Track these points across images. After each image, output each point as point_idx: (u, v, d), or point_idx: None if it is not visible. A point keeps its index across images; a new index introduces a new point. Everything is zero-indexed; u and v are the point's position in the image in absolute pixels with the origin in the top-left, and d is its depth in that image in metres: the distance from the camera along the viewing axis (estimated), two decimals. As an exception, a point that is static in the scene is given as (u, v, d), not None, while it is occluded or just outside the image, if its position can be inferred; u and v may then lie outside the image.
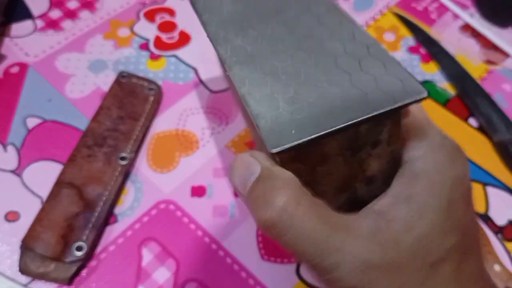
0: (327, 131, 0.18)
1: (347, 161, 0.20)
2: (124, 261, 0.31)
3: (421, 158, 0.19)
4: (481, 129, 0.39)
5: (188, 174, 0.35)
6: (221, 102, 0.39)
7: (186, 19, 0.44)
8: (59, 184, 0.32)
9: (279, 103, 0.20)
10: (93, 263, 0.31)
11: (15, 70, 0.39)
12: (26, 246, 0.29)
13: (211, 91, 0.39)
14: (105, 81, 0.39)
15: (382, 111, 0.19)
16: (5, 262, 0.30)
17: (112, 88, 0.37)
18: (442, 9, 0.48)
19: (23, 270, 0.29)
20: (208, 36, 0.23)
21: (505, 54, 0.45)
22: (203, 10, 0.24)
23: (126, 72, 0.38)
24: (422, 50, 0.44)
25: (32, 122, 0.36)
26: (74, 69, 0.39)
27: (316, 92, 0.20)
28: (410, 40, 0.45)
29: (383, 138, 0.20)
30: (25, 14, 0.42)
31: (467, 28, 0.47)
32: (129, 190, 0.34)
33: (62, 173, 0.32)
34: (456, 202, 0.18)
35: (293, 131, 0.18)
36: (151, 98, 0.37)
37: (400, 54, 0.44)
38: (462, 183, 0.19)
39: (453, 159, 0.19)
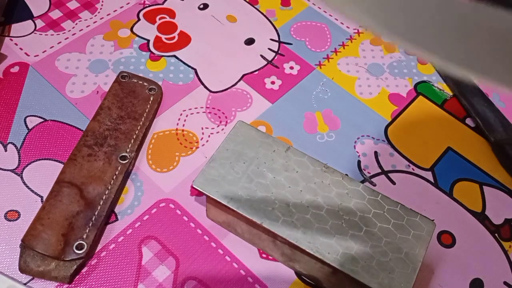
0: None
1: None
2: (124, 260, 0.31)
3: None
4: (478, 129, 0.40)
5: (188, 173, 0.35)
6: (221, 102, 0.39)
7: (186, 20, 0.44)
8: (59, 183, 0.32)
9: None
10: (93, 261, 0.31)
11: (15, 69, 0.39)
12: (26, 245, 0.29)
13: (210, 91, 0.40)
14: (105, 81, 0.39)
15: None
16: (5, 261, 0.30)
17: (112, 88, 0.37)
18: (440, 10, 0.48)
19: (23, 269, 0.29)
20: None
21: (502, 55, 0.45)
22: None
23: (126, 72, 0.38)
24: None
25: (32, 122, 0.36)
26: (74, 69, 0.40)
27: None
28: (407, 41, 0.45)
29: None
30: (25, 14, 0.43)
31: (464, 30, 0.47)
32: (129, 189, 0.34)
33: (62, 172, 0.33)
34: None
35: None
36: (152, 98, 0.37)
37: (398, 55, 0.44)
38: None
39: None
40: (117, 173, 0.33)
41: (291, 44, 0.44)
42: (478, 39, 0.12)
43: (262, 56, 0.43)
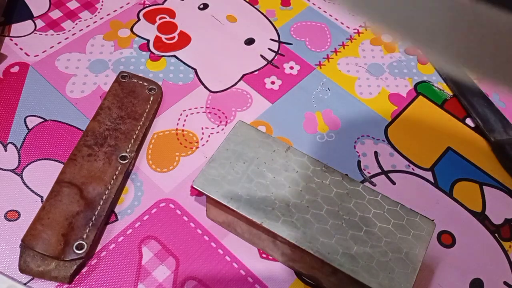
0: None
1: None
2: (124, 260, 0.31)
3: None
4: (478, 129, 0.40)
5: (188, 173, 0.35)
6: (221, 102, 0.39)
7: (186, 20, 0.44)
8: (60, 183, 0.32)
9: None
10: (93, 261, 0.31)
11: (15, 69, 0.39)
12: (26, 244, 0.29)
13: (210, 91, 0.40)
14: (105, 81, 0.39)
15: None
16: (5, 261, 0.30)
17: (112, 88, 0.37)
18: (440, 10, 0.48)
19: (23, 269, 0.29)
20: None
21: (502, 55, 0.45)
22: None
23: (126, 72, 0.38)
24: (420, 51, 0.45)
25: (32, 122, 0.36)
26: (74, 69, 0.40)
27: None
28: (407, 41, 0.45)
29: None
30: (25, 14, 0.43)
31: (464, 30, 0.47)
32: (129, 189, 0.34)
33: (62, 172, 0.33)
34: None
35: None
36: (152, 98, 0.37)
37: (398, 55, 0.44)
38: None
39: None
40: (117, 173, 0.33)
41: (291, 44, 0.44)
42: (478, 38, 0.12)
43: (262, 56, 0.43)
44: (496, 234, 0.34)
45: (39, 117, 0.37)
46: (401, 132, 0.39)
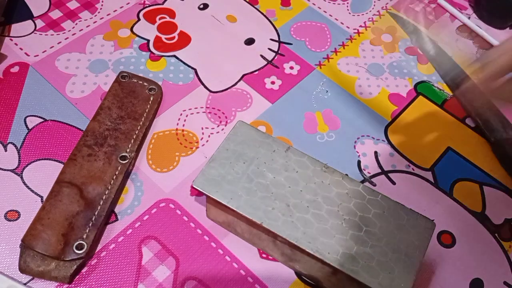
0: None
1: None
2: (124, 260, 0.31)
3: None
4: (478, 129, 0.40)
5: (188, 173, 0.35)
6: (221, 102, 0.39)
7: (186, 20, 0.44)
8: (60, 183, 0.32)
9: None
10: (93, 261, 0.31)
11: (15, 69, 0.39)
12: (26, 245, 0.29)
13: (210, 91, 0.40)
14: (105, 81, 0.39)
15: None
16: (5, 261, 0.30)
17: (112, 88, 0.37)
18: (440, 10, 0.48)
19: (23, 269, 0.29)
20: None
21: (502, 55, 0.45)
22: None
23: (126, 72, 0.38)
24: (420, 51, 0.45)
25: (32, 122, 0.36)
26: (74, 69, 0.40)
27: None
28: (407, 41, 0.45)
29: None
30: (25, 14, 0.43)
31: (465, 29, 0.47)
32: (129, 189, 0.34)
33: (62, 172, 0.33)
34: None
35: None
36: (152, 98, 0.37)
37: (398, 55, 0.44)
38: None
39: None
40: (117, 173, 0.33)
41: (291, 44, 0.44)
42: None
43: (262, 56, 0.43)
44: (496, 234, 0.34)
45: (39, 117, 0.37)
46: (401, 132, 0.39)
